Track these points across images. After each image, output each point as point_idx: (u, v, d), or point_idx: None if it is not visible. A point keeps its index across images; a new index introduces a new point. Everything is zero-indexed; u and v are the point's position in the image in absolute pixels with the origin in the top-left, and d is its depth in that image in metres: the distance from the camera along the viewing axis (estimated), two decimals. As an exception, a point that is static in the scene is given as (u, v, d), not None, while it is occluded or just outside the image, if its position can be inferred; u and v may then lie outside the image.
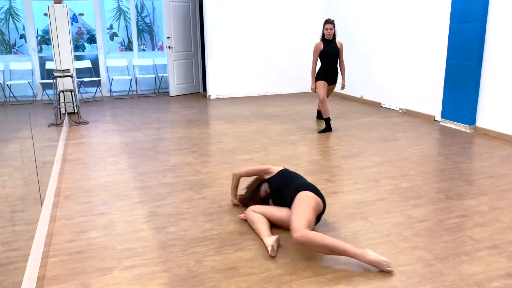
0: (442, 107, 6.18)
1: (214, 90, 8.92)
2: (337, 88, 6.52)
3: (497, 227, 3.06)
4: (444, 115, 6.17)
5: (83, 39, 11.45)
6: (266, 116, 7.01)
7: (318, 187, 3.82)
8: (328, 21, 5.84)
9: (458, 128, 5.93)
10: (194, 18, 9.34)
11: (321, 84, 5.98)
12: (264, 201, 3.33)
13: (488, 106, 5.58)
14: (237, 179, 3.50)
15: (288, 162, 4.60)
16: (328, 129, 5.93)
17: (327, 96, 6.17)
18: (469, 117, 5.72)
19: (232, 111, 7.50)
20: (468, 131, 5.77)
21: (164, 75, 9.57)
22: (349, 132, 5.89)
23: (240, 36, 8.85)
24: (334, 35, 5.90)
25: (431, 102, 6.47)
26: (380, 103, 7.71)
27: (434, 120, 6.45)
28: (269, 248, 2.71)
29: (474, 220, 3.17)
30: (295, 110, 7.49)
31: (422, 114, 6.68)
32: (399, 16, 7.04)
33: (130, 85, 9.41)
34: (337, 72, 6.10)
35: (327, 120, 5.96)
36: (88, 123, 6.66)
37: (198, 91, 9.75)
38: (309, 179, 4.07)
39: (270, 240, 2.76)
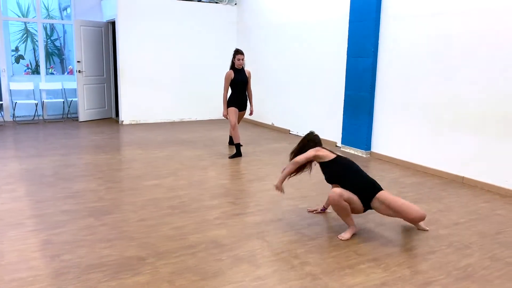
0: (342, 134, 6.68)
1: (127, 115, 8.79)
2: (247, 115, 6.77)
3: (379, 242, 3.38)
4: (344, 141, 6.67)
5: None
6: (179, 142, 7.06)
7: (222, 210, 3.98)
8: (239, 52, 6.11)
9: (356, 153, 6.43)
10: (107, 43, 9.21)
11: (233, 111, 6.20)
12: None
13: (380, 133, 6.15)
14: (295, 168, 3.65)
15: (196, 186, 4.68)
16: (238, 154, 6.12)
17: (238, 122, 6.39)
18: (365, 143, 6.25)
19: (144, 137, 7.44)
20: (364, 156, 6.29)
21: (74, 99, 9.25)
22: (258, 157, 6.13)
23: (155, 62, 8.89)
24: (243, 65, 6.19)
25: (333, 129, 6.97)
26: (289, 130, 8.12)
27: (336, 146, 6.94)
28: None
29: (360, 236, 3.47)
30: (209, 136, 7.62)
31: (326, 140, 7.14)
32: (302, 49, 7.56)
33: (36, 109, 8.95)
34: (247, 99, 6.37)
35: (238, 146, 6.16)
36: (-16, 149, 6.22)
37: (111, 117, 9.54)
38: (214, 202, 4.19)
39: (355, 229, 3.46)
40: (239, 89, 6.22)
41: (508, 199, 4.47)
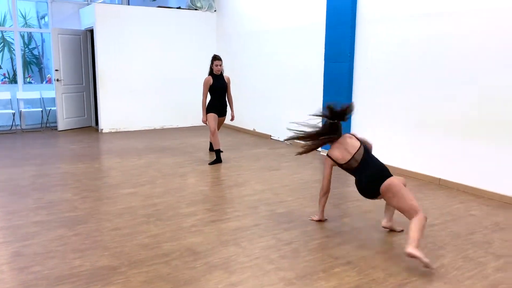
0: (322, 138, 6.70)
1: (106, 123, 8.70)
2: (228, 121, 6.76)
3: (354, 245, 3.38)
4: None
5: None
6: (159, 149, 7.00)
7: (198, 217, 3.95)
8: (217, 58, 6.10)
9: (335, 157, 6.45)
10: (86, 51, 9.13)
11: (212, 117, 6.18)
12: None
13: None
14: (326, 198, 3.75)
15: (173, 194, 4.64)
16: (218, 160, 6.10)
17: (218, 128, 6.38)
18: (344, 146, 6.27)
19: (124, 145, 7.37)
20: (344, 159, 6.32)
21: (53, 108, 9.12)
22: (238, 163, 6.11)
23: (134, 69, 8.83)
24: (222, 70, 6.18)
25: (313, 134, 6.98)
26: (270, 135, 8.13)
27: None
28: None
29: (336, 240, 3.47)
30: (190, 143, 7.58)
31: (306, 144, 7.16)
32: (283, 55, 7.59)
33: (13, 119, 8.80)
34: (226, 105, 6.36)
35: (218, 152, 6.14)
36: (-43, 161, 6.09)
37: (90, 125, 9.43)
38: (191, 209, 4.16)
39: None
40: (218, 94, 6.21)
41: (483, 199, 4.53)
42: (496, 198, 4.51)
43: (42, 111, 9.14)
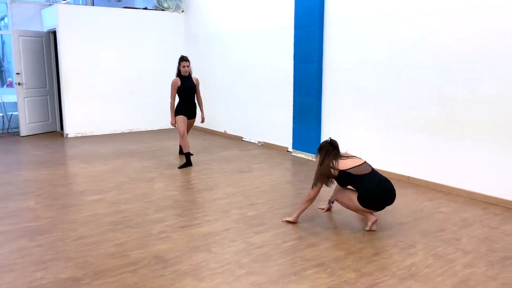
0: (293, 139, 6.70)
1: (72, 128, 8.43)
2: (198, 123, 6.67)
3: (326, 246, 3.36)
4: (295, 146, 6.69)
5: None
6: (127, 154, 6.82)
7: (167, 223, 3.85)
8: (184, 59, 5.98)
9: (306, 157, 6.46)
10: (49, 53, 8.82)
11: (181, 119, 6.05)
12: None
13: (328, 136, 6.19)
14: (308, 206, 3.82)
15: (141, 199, 4.51)
16: (188, 163, 5.99)
17: (188, 131, 6.26)
18: (315, 147, 6.26)
19: (90, 150, 7.14)
20: (314, 159, 6.32)
21: (14, 113, 8.77)
22: (209, 166, 6.02)
23: (100, 72, 8.59)
24: (190, 72, 6.07)
25: (284, 135, 6.97)
26: (242, 137, 8.07)
27: (288, 151, 6.94)
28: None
29: (307, 241, 3.44)
30: (159, 146, 7.43)
31: (277, 146, 7.15)
32: (252, 56, 7.54)
33: (-28, 125, 8.41)
34: (196, 107, 6.24)
35: (187, 155, 6.03)
36: None
37: (55, 130, 9.12)
38: (160, 215, 4.05)
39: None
40: (187, 96, 6.09)
41: (451, 196, 4.61)
42: (464, 195, 4.59)
43: (2, 116, 8.77)
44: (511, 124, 4.18)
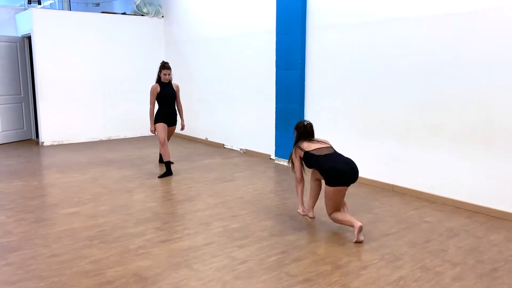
0: (275, 146, 6.60)
1: (47, 136, 8.16)
2: (179, 130, 6.51)
3: (311, 260, 3.25)
4: (277, 153, 6.59)
5: None
6: (105, 162, 6.62)
7: (147, 237, 3.69)
8: (166, 67, 5.78)
9: (289, 165, 6.35)
10: (24, 59, 8.53)
11: (161, 126, 5.89)
12: None
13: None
14: (301, 183, 4.00)
15: (119, 212, 4.33)
16: (168, 173, 5.82)
17: (168, 138, 6.10)
18: (298, 154, 6.19)
19: (66, 159, 6.90)
20: (298, 167, 6.22)
21: (-13, 121, 8.44)
22: (190, 175, 5.86)
23: (77, 78, 8.35)
24: (170, 78, 5.91)
25: (266, 142, 6.87)
26: (223, 144, 7.93)
27: (270, 158, 6.84)
28: None
29: (292, 255, 3.33)
30: (138, 155, 7.23)
31: (260, 153, 7.04)
32: (233, 62, 7.43)
33: None
34: (176, 114, 6.08)
35: (168, 164, 5.86)
36: None
37: (30, 138, 8.82)
38: (139, 229, 3.89)
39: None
40: (166, 103, 5.93)
41: (436, 205, 4.57)
42: (449, 203, 4.56)
43: (-25, 124, 8.43)
44: (495, 131, 4.16)
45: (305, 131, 3.92)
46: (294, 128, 4.01)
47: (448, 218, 4.17)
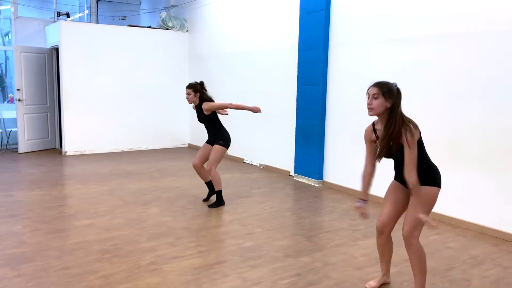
0: (295, 163, 6.50)
1: (71, 146, 8.28)
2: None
3: (326, 284, 3.13)
4: (296, 170, 6.48)
5: None
6: (125, 174, 6.64)
7: (158, 253, 3.63)
8: (186, 86, 5.16)
9: (309, 182, 6.24)
10: (51, 70, 8.74)
11: (203, 146, 5.37)
12: None
13: (332, 161, 6.00)
14: None
15: (133, 225, 4.31)
16: (219, 203, 5.08)
17: (208, 159, 5.22)
18: (317, 172, 6.08)
19: (87, 169, 6.97)
20: (317, 185, 6.10)
21: (14, 129, 8.65)
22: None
23: (102, 89, 8.48)
24: (201, 99, 5.15)
25: (286, 158, 6.77)
26: (243, 159, 7.87)
27: (289, 175, 6.73)
28: None
29: (307, 279, 3.21)
30: (158, 167, 7.25)
31: (279, 169, 6.94)
32: (255, 77, 7.41)
33: (-30, 141, 8.29)
34: (215, 133, 5.46)
35: (219, 193, 5.09)
36: None
37: (54, 147, 8.98)
38: (151, 244, 3.84)
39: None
40: (204, 126, 5.34)
41: (459, 230, 4.36)
42: (473, 229, 4.35)
43: (1, 132, 8.66)
44: (523, 155, 3.96)
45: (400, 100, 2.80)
46: (387, 90, 2.93)
47: (473, 244, 3.97)
